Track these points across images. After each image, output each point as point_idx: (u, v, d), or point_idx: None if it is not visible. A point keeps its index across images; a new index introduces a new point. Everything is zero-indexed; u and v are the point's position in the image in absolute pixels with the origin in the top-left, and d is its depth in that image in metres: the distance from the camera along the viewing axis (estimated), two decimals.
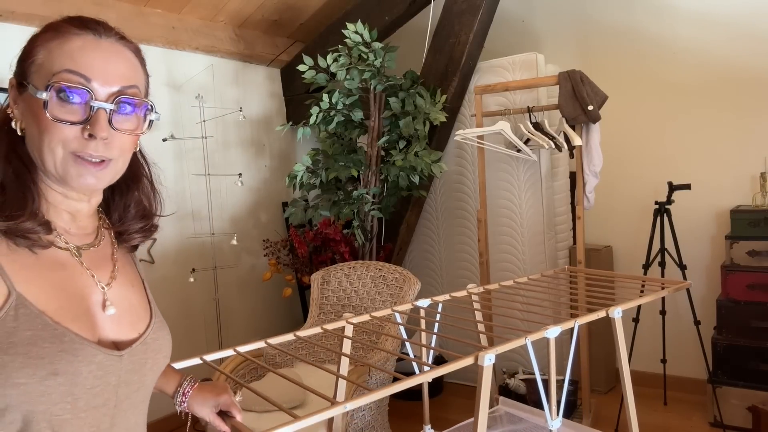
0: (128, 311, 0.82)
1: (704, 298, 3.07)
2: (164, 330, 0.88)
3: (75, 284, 0.76)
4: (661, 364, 2.98)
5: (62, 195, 0.77)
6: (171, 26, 3.06)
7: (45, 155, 0.71)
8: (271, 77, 3.76)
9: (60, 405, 0.69)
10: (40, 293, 0.71)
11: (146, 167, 0.88)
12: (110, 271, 0.82)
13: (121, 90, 0.73)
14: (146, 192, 0.88)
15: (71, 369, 0.70)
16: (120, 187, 0.86)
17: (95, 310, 0.77)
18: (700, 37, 3.01)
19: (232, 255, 3.44)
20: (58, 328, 0.70)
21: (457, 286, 3.39)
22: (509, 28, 3.52)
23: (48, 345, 0.68)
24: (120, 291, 0.82)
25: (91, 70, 0.71)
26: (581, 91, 2.57)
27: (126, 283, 0.85)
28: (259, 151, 3.66)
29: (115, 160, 0.75)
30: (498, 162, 3.11)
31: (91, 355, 0.72)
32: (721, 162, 3.02)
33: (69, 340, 0.70)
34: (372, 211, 3.07)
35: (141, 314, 0.85)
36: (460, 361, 1.04)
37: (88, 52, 0.72)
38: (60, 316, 0.72)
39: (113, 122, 0.73)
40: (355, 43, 2.96)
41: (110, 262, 0.83)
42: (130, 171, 0.84)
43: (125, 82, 0.74)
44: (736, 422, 2.67)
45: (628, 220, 3.29)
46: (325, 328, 1.32)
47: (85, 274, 0.78)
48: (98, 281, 0.79)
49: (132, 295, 0.85)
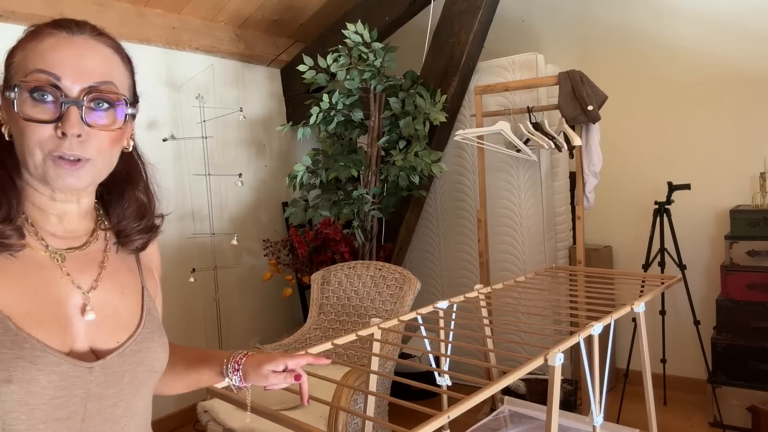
0: (110, 318, 0.78)
1: (704, 298, 3.07)
2: (153, 342, 0.82)
3: (51, 289, 0.74)
4: (660, 364, 2.98)
5: (49, 197, 0.75)
6: (171, 26, 3.07)
7: (26, 157, 0.71)
8: (272, 77, 3.76)
9: (14, 414, 0.67)
10: (10, 296, 0.69)
11: (142, 167, 0.86)
12: (95, 275, 0.79)
13: (94, 86, 0.71)
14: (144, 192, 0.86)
15: (27, 377, 0.67)
16: (117, 188, 0.84)
17: (72, 315, 0.74)
18: (700, 37, 3.02)
19: (233, 255, 3.44)
20: (19, 333, 0.68)
21: (457, 287, 3.39)
22: (509, 28, 3.52)
23: (6, 351, 0.66)
24: (104, 297, 0.78)
25: (61, 67, 0.70)
26: (581, 91, 2.57)
27: (115, 288, 0.81)
28: (260, 151, 3.66)
29: (94, 159, 0.72)
30: (498, 162, 3.11)
31: (53, 364, 0.69)
32: (720, 162, 3.02)
33: (29, 347, 0.68)
34: (372, 211, 3.07)
35: (126, 323, 0.80)
36: (530, 363, 1.07)
37: (59, 50, 0.71)
38: (25, 322, 0.69)
39: (86, 119, 0.70)
40: (355, 43, 2.96)
41: (97, 266, 0.80)
42: (125, 171, 0.83)
43: (98, 78, 0.72)
44: (735, 422, 2.67)
45: (628, 220, 3.29)
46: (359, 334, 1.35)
47: (65, 279, 0.75)
48: (78, 286, 0.76)
49: (119, 302, 0.80)
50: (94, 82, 0.71)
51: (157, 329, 0.84)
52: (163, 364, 0.83)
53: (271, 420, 0.92)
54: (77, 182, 0.72)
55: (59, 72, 0.70)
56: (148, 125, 3.00)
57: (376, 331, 1.43)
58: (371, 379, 1.61)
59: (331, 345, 1.30)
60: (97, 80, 0.72)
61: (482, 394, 0.99)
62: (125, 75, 0.77)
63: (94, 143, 0.72)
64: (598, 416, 1.32)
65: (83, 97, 0.70)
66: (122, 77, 0.76)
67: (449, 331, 1.49)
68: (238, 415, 2.11)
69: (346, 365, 1.17)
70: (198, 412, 2.24)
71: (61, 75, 0.70)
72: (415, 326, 1.54)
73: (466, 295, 1.67)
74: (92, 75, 0.72)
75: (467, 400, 0.96)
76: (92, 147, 0.72)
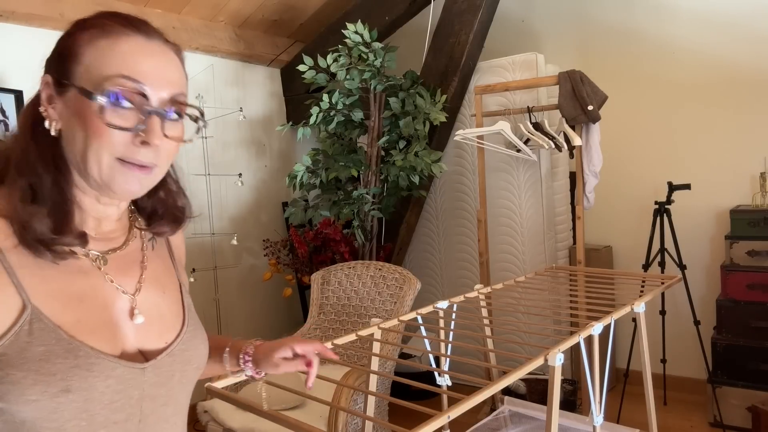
0: (157, 320, 0.78)
1: (704, 298, 3.07)
2: (197, 339, 0.83)
3: (97, 294, 0.73)
4: (660, 364, 2.98)
5: (94, 199, 0.73)
6: (171, 26, 3.06)
7: (89, 160, 0.68)
8: (272, 77, 3.76)
9: (73, 422, 0.66)
10: (58, 306, 0.68)
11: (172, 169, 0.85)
12: (138, 276, 0.78)
13: (173, 97, 0.71)
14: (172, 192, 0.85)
15: (85, 385, 0.66)
16: None
17: (120, 319, 0.74)
18: (700, 37, 3.02)
19: (233, 255, 3.44)
20: (72, 342, 0.67)
21: (457, 286, 3.39)
22: (509, 28, 3.52)
23: (61, 361, 0.66)
24: (149, 297, 0.78)
25: (145, 75, 0.68)
26: (581, 91, 2.57)
27: (157, 288, 0.81)
28: (259, 151, 3.66)
29: (161, 167, 0.73)
30: (498, 162, 3.11)
31: (108, 369, 0.69)
32: (720, 162, 3.02)
33: (84, 355, 0.67)
34: (372, 211, 3.07)
35: (171, 322, 0.80)
36: (530, 363, 1.07)
37: (141, 56, 0.69)
38: (77, 330, 0.68)
39: (164, 129, 0.70)
40: (355, 43, 2.96)
41: (138, 266, 0.79)
42: None
43: (176, 89, 0.71)
44: (735, 422, 2.67)
45: (628, 220, 3.29)
46: (359, 334, 1.35)
47: (109, 283, 0.74)
48: (123, 290, 0.75)
49: (162, 301, 0.80)
50: (174, 93, 0.71)
51: (198, 325, 0.85)
52: (206, 360, 0.84)
53: (271, 420, 0.92)
54: (140, 188, 0.72)
55: (144, 80, 0.68)
56: None
57: (376, 331, 1.43)
58: (371, 379, 1.61)
59: (331, 345, 1.30)
60: (176, 91, 0.71)
61: (482, 394, 0.99)
62: (186, 82, 0.76)
63: (165, 151, 0.72)
64: (598, 416, 1.32)
65: (164, 107, 0.70)
66: (186, 84, 0.76)
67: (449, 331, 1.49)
68: (237, 415, 2.11)
69: (346, 365, 1.17)
70: (198, 412, 2.24)
71: (145, 83, 0.68)
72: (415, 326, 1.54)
73: (466, 295, 1.67)
74: (171, 85, 0.71)
75: (467, 400, 0.96)
76: (164, 155, 0.72)
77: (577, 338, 1.24)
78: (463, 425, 1.83)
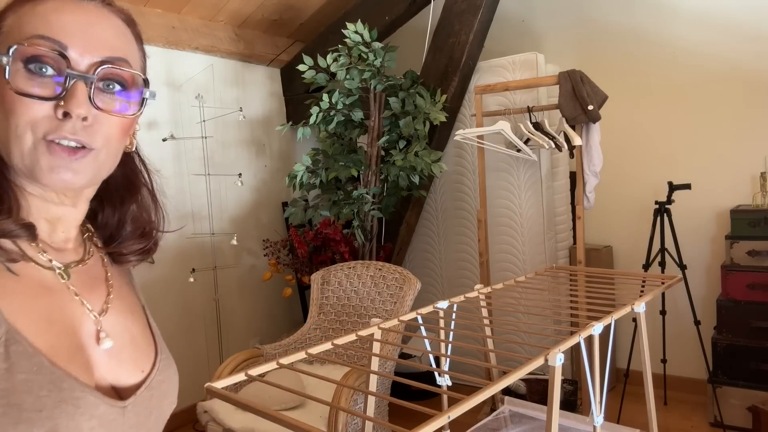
0: (129, 345, 0.66)
1: (704, 298, 3.07)
2: (171, 368, 0.71)
3: (64, 314, 0.60)
4: (661, 364, 2.98)
5: (40, 198, 0.60)
6: (171, 26, 3.06)
7: (11, 143, 0.56)
8: (271, 77, 3.76)
9: None
10: (30, 326, 0.55)
11: (146, 174, 0.71)
12: (105, 295, 0.66)
13: (107, 60, 0.58)
14: (146, 205, 0.71)
15: (72, 425, 0.54)
16: (112, 198, 0.70)
17: (88, 344, 0.61)
18: (700, 37, 3.01)
19: (232, 255, 3.44)
20: (55, 371, 0.55)
21: (457, 286, 3.39)
22: (509, 27, 3.52)
23: (45, 394, 0.53)
24: (118, 320, 0.66)
25: (69, 34, 0.56)
26: (581, 91, 2.57)
27: (125, 309, 0.68)
28: (259, 151, 3.66)
29: (98, 150, 0.58)
30: (498, 162, 3.11)
31: (92, 407, 0.56)
32: (721, 162, 3.02)
33: (68, 387, 0.55)
34: (372, 211, 3.07)
35: (144, 348, 0.68)
36: (530, 363, 1.07)
37: (66, 14, 0.57)
38: (56, 356, 0.56)
39: (95, 100, 0.57)
40: (355, 43, 2.96)
41: (104, 283, 0.67)
42: (126, 178, 0.69)
43: (111, 52, 0.58)
44: (736, 422, 2.67)
45: (628, 220, 3.29)
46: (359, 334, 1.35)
47: (75, 301, 0.62)
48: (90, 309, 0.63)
49: (133, 324, 0.68)
50: (106, 56, 0.58)
51: (168, 353, 0.73)
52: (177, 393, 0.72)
53: (271, 420, 0.92)
54: (74, 177, 0.57)
55: (66, 40, 0.56)
56: (148, 125, 3.00)
57: (376, 331, 1.43)
58: (371, 379, 1.61)
59: (331, 345, 1.30)
60: (110, 54, 0.59)
61: (482, 394, 0.99)
62: (138, 55, 0.64)
63: (101, 130, 0.58)
64: (598, 416, 1.32)
65: (94, 72, 0.57)
66: (136, 57, 0.63)
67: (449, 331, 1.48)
68: (237, 416, 2.10)
69: (346, 365, 1.17)
70: (198, 412, 2.24)
71: (68, 44, 0.56)
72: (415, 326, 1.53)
73: (466, 295, 1.67)
74: (105, 47, 0.58)
75: (467, 400, 0.96)
76: (98, 134, 0.58)
77: (578, 338, 1.23)
78: (464, 425, 1.82)
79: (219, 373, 2.22)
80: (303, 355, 1.24)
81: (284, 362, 1.19)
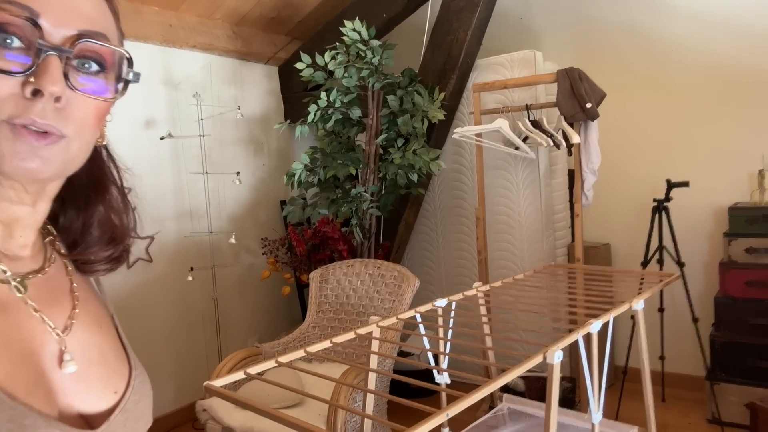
0: (99, 363, 0.57)
1: (702, 295, 3.08)
2: (147, 385, 0.62)
3: (22, 334, 0.51)
4: (659, 361, 2.99)
5: None
6: (168, 24, 3.05)
7: None
8: (269, 75, 3.75)
9: None
10: None
11: (115, 172, 0.62)
12: (69, 309, 0.57)
13: (84, 34, 0.50)
14: (115, 207, 0.62)
15: None
16: (76, 199, 0.61)
17: (50, 369, 0.52)
18: (698, 35, 3.01)
19: (231, 254, 3.44)
20: (16, 407, 0.47)
21: (456, 284, 3.39)
22: (508, 25, 3.52)
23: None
24: (85, 336, 0.57)
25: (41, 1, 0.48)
26: (579, 89, 2.57)
27: (92, 323, 0.59)
28: (257, 149, 3.66)
29: (70, 138, 0.50)
30: (496, 160, 3.11)
31: None
32: (719, 159, 3.03)
33: (31, 424, 0.47)
34: (370, 210, 3.07)
35: (116, 366, 0.59)
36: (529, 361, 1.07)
37: None
38: (14, 386, 0.48)
39: (70, 79, 0.49)
40: (353, 41, 2.95)
41: (68, 295, 0.58)
42: (92, 176, 0.60)
43: (90, 26, 0.50)
44: (734, 419, 2.67)
45: (627, 218, 3.29)
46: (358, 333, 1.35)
47: (34, 318, 0.53)
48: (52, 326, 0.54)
49: (102, 339, 0.59)
50: (84, 29, 0.50)
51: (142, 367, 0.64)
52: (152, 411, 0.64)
53: (270, 418, 0.92)
54: (43, 166, 0.49)
55: (38, 6, 0.47)
56: (146, 123, 2.99)
57: (374, 329, 1.43)
58: (370, 377, 1.61)
59: (330, 343, 1.30)
60: (88, 27, 0.50)
61: (481, 391, 0.99)
62: (117, 34, 0.55)
63: (75, 115, 0.50)
64: (596, 413, 1.32)
65: (70, 46, 0.49)
66: (115, 34, 0.55)
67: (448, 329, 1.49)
68: (236, 414, 2.10)
69: (345, 363, 1.17)
70: (197, 411, 2.24)
71: (40, 11, 0.47)
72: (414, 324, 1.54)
73: (464, 293, 1.67)
74: (82, 19, 0.50)
75: (466, 397, 0.96)
76: (71, 120, 0.50)
77: (576, 336, 1.24)
78: (462, 423, 1.82)
79: (218, 371, 2.22)
80: (302, 353, 1.24)
81: (283, 360, 1.18)
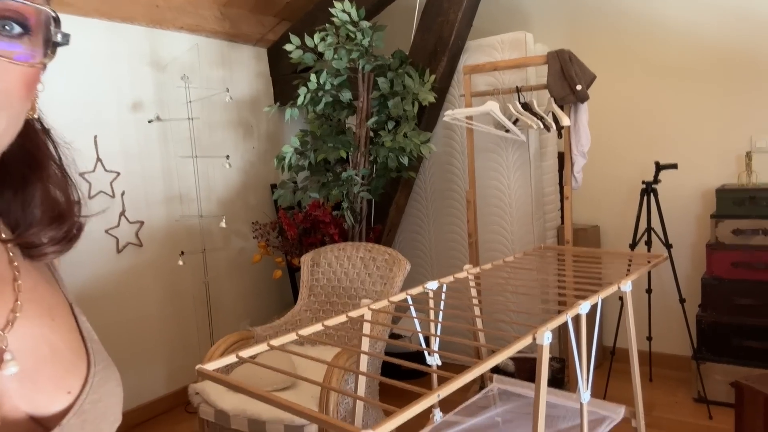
0: (49, 361, 0.50)
1: (689, 276, 3.12)
2: (111, 381, 0.55)
3: None
4: (646, 342, 3.03)
5: None
6: (155, 5, 3.00)
7: None
8: (258, 57, 3.71)
9: None
10: None
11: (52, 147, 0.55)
12: (11, 302, 0.50)
13: None
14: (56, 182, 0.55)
15: None
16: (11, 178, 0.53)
17: None
18: (688, 17, 3.01)
19: (221, 237, 3.42)
20: None
21: (447, 267, 3.41)
22: (498, 6, 3.49)
23: None
24: (32, 331, 0.50)
25: None
26: (570, 71, 2.56)
27: (42, 315, 0.52)
28: (247, 132, 3.63)
29: None
30: (487, 143, 3.11)
31: None
32: (707, 141, 3.04)
33: None
34: (361, 193, 3.06)
35: (71, 362, 0.52)
36: (518, 342, 1.08)
37: None
38: None
39: None
40: (342, 22, 2.92)
41: (9, 286, 0.50)
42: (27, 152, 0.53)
43: None
44: (719, 398, 2.73)
45: (616, 200, 3.31)
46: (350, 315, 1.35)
47: None
48: None
49: (54, 334, 0.52)
50: None
51: (108, 361, 0.57)
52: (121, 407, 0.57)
53: (263, 401, 0.93)
54: None
55: None
56: (133, 106, 2.96)
57: (366, 312, 1.44)
58: (362, 359, 1.62)
59: (321, 326, 1.30)
60: None
61: (471, 373, 1.00)
62: None
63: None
64: (585, 393, 1.34)
65: None
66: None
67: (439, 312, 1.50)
68: (229, 397, 2.12)
69: (336, 346, 1.17)
70: (189, 394, 2.25)
71: None
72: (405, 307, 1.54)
73: (455, 276, 1.68)
74: None
75: (457, 379, 0.97)
76: None
77: (565, 317, 1.25)
78: (453, 403, 1.85)
79: (210, 355, 2.22)
80: (294, 336, 1.24)
81: (275, 344, 1.19)
